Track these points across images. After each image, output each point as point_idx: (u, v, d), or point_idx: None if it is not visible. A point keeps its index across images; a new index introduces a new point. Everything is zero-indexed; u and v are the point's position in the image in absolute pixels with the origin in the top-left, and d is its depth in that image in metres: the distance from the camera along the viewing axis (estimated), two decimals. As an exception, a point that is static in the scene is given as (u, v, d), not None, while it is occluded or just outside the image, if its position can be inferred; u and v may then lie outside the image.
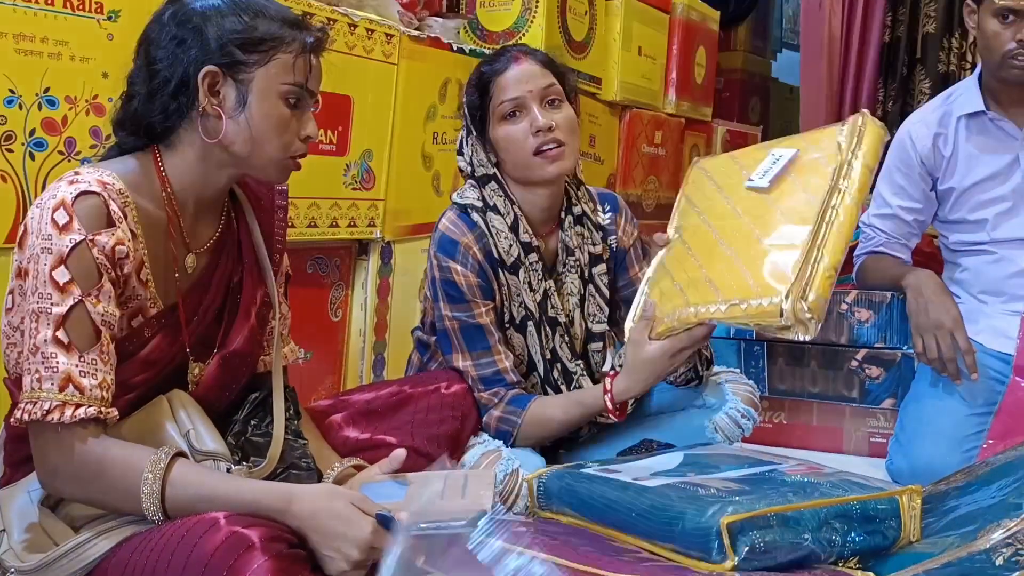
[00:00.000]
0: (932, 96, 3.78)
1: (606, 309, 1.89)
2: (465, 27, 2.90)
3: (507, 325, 1.81)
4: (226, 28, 1.31)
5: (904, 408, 2.32)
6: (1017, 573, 1.25)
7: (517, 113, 1.75)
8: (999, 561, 1.26)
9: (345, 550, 1.18)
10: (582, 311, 1.87)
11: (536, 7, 2.86)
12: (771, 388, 2.64)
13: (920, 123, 2.36)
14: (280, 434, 1.43)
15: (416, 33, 2.42)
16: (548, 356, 1.82)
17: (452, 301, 1.76)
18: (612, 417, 1.72)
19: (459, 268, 1.75)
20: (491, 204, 1.79)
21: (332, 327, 2.32)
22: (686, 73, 3.85)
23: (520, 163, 1.77)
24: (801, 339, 1.44)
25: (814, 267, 1.45)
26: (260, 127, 1.33)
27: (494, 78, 1.76)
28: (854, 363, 2.55)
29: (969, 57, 3.82)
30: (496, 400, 1.75)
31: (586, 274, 1.87)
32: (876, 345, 2.53)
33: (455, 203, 1.83)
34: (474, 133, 1.80)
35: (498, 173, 1.80)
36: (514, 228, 1.78)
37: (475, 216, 1.79)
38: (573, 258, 1.85)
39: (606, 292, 1.89)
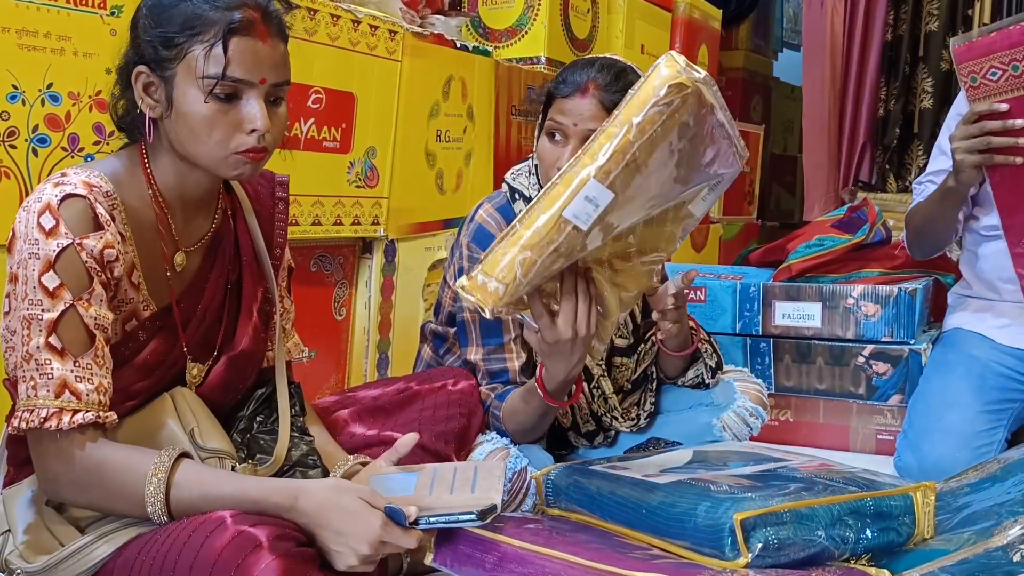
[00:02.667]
0: (934, 95, 3.81)
1: (630, 323, 1.88)
2: (467, 25, 2.89)
3: None
4: (151, 19, 1.25)
5: (912, 405, 2.30)
6: (1034, 569, 1.24)
7: (556, 136, 1.71)
8: (1016, 557, 1.25)
9: (353, 545, 1.17)
10: None
11: (539, 5, 2.85)
12: (777, 385, 2.64)
13: None
14: (286, 431, 1.42)
15: (419, 30, 2.41)
16: None
17: None
18: (541, 392, 1.62)
19: None
20: (529, 197, 1.78)
21: (336, 326, 2.31)
22: (688, 71, 3.83)
23: (544, 179, 1.77)
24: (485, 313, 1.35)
25: (495, 246, 1.34)
26: (187, 127, 1.25)
27: (556, 95, 1.72)
28: (861, 359, 2.54)
29: (972, 55, 3.81)
30: (492, 396, 1.74)
31: None
32: (883, 339, 2.52)
33: (507, 183, 1.83)
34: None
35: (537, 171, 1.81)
36: None
37: (517, 207, 1.79)
38: None
39: (635, 310, 1.88)
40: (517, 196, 1.80)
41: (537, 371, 1.63)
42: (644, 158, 1.31)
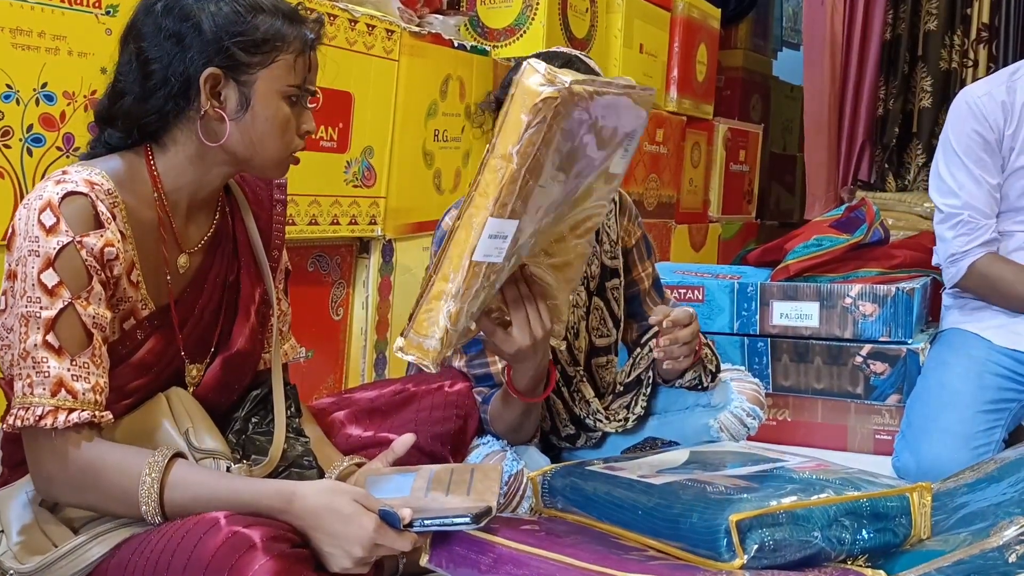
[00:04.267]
0: (933, 94, 3.80)
1: (609, 322, 1.87)
2: (465, 24, 2.89)
3: None
4: (226, 26, 1.27)
5: (910, 405, 2.30)
6: (1030, 570, 1.24)
7: None
8: (1012, 558, 1.25)
9: (347, 547, 1.17)
10: (587, 324, 1.85)
11: (537, 4, 2.85)
12: (775, 385, 2.64)
13: (987, 96, 2.30)
14: (281, 432, 1.41)
15: (417, 29, 2.41)
16: None
17: None
18: (515, 395, 1.62)
19: None
20: None
21: (333, 326, 2.30)
22: (687, 71, 3.84)
23: None
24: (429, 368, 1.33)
25: (420, 302, 1.31)
26: (263, 129, 1.31)
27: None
28: (858, 359, 2.54)
29: (971, 55, 3.81)
30: (479, 400, 1.74)
31: (592, 287, 1.85)
32: (881, 339, 2.52)
33: None
34: None
35: None
36: None
37: None
38: None
39: (615, 308, 1.87)
40: None
41: (505, 375, 1.63)
42: (536, 173, 1.27)
